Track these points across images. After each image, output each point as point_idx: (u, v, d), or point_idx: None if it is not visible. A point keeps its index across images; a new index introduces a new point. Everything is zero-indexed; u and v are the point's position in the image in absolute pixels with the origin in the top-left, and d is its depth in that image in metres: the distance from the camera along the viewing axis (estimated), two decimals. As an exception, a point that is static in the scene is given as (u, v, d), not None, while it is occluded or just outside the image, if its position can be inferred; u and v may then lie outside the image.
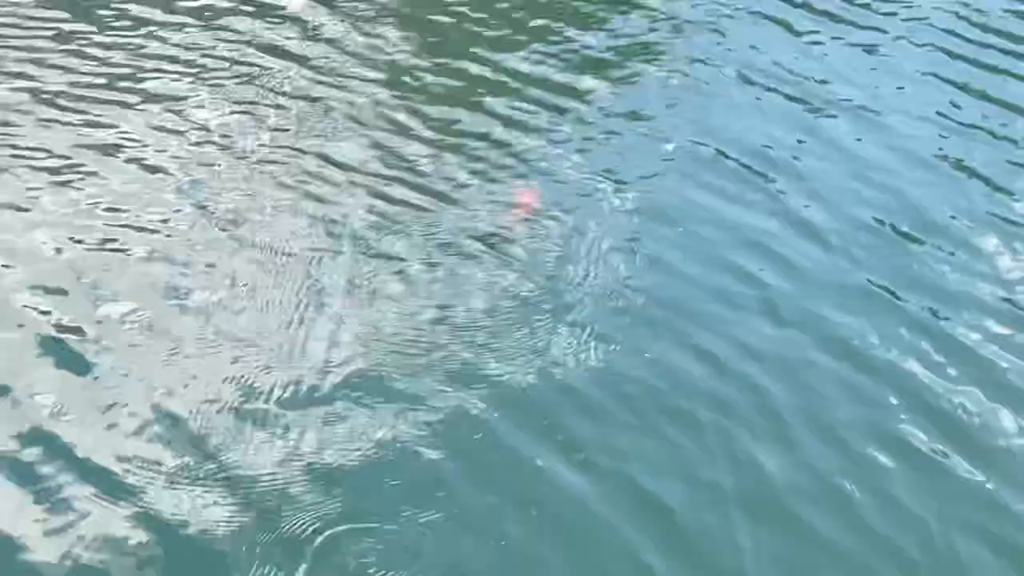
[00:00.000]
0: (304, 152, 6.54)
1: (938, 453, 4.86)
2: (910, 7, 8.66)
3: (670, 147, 6.92)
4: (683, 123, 7.19)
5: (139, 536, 4.23)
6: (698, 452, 4.75)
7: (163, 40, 7.51)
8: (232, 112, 6.87)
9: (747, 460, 4.72)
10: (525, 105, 7.20)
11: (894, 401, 5.08)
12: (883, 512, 4.55)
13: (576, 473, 4.59)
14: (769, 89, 7.63)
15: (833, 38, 8.30)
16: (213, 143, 6.55)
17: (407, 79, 7.39)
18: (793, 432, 4.87)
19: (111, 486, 4.42)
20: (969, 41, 8.30)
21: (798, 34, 8.32)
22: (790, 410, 4.98)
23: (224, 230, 5.85)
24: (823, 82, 7.74)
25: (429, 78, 7.43)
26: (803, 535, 4.44)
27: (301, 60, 7.45)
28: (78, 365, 4.97)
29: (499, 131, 6.91)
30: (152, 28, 7.61)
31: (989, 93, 7.73)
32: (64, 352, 5.03)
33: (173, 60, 7.32)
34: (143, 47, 7.42)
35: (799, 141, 7.08)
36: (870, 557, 4.37)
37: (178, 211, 5.95)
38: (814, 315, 5.59)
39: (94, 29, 7.54)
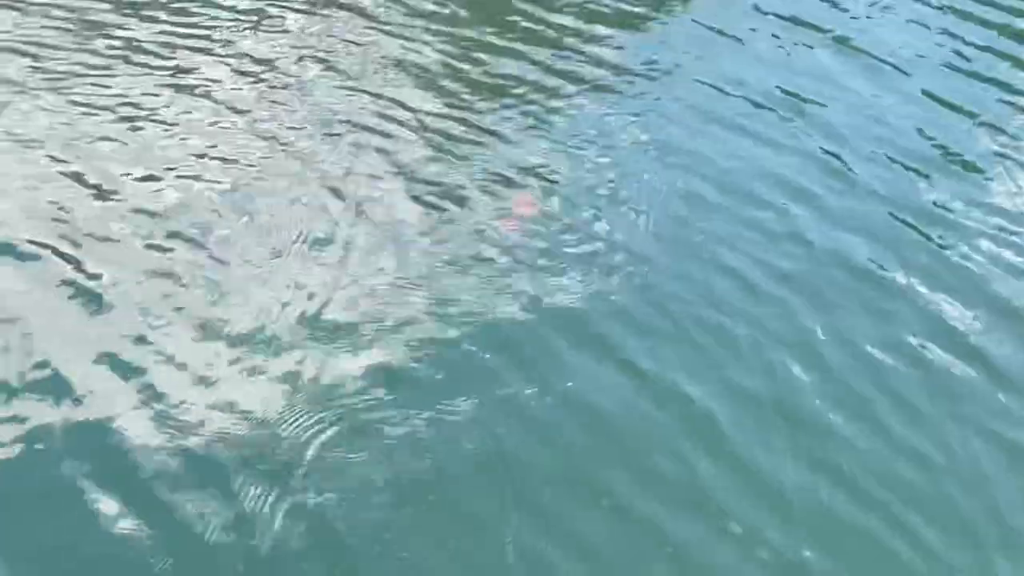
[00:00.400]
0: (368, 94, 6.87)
1: (949, 364, 5.26)
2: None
3: (698, 91, 7.34)
4: (709, 70, 7.59)
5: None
6: (733, 360, 5.13)
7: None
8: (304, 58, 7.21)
9: (778, 367, 5.10)
10: (567, 55, 7.62)
11: (909, 317, 5.52)
12: (900, 415, 4.95)
13: (623, 375, 4.98)
14: (790, 39, 8.11)
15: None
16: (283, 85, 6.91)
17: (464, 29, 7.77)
18: (818, 344, 5.27)
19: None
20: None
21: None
22: (816, 324, 5.38)
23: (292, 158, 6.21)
24: (841, 33, 8.21)
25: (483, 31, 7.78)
26: (828, 436, 4.82)
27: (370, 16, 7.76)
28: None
29: (542, 77, 7.33)
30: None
31: (986, 40, 8.26)
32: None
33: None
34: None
35: (819, 87, 7.51)
36: (889, 455, 4.76)
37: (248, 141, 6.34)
38: (836, 241, 6.01)
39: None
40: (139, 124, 6.32)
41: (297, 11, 7.71)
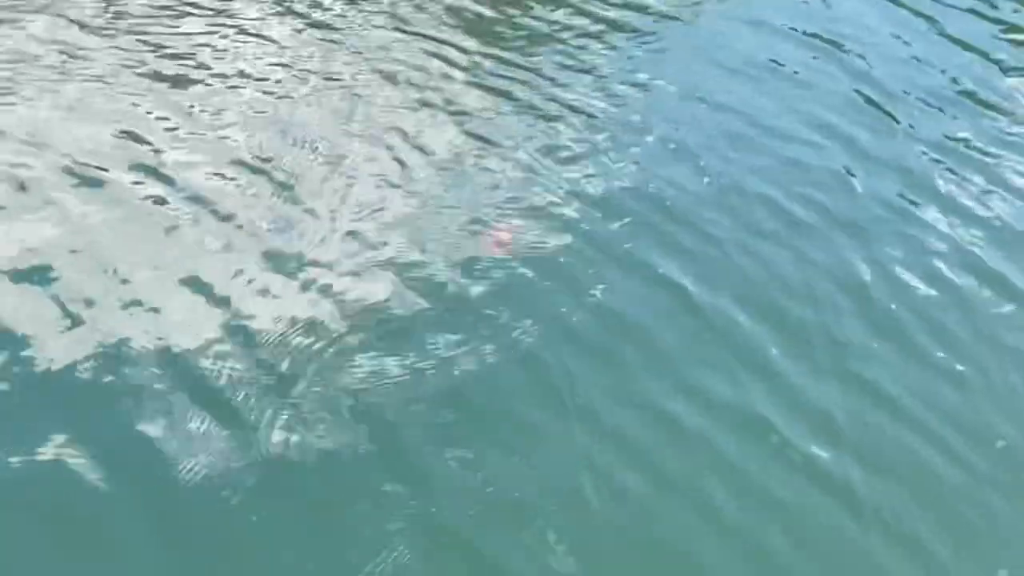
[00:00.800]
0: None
1: (980, 291, 5.51)
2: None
3: (734, 36, 7.65)
4: (744, 15, 7.92)
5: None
6: (778, 286, 5.33)
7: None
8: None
9: (820, 293, 5.31)
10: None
11: (942, 247, 5.79)
12: (936, 338, 5.13)
13: (672, 300, 5.16)
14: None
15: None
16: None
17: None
18: (858, 272, 5.49)
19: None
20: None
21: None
22: (855, 253, 5.62)
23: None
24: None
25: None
26: (869, 356, 4.99)
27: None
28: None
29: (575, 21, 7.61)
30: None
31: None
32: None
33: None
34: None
35: (851, 31, 7.84)
36: (926, 375, 4.94)
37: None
38: (872, 175, 6.30)
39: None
40: (210, 64, 6.57)
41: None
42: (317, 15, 7.19)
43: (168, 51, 6.58)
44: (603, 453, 4.36)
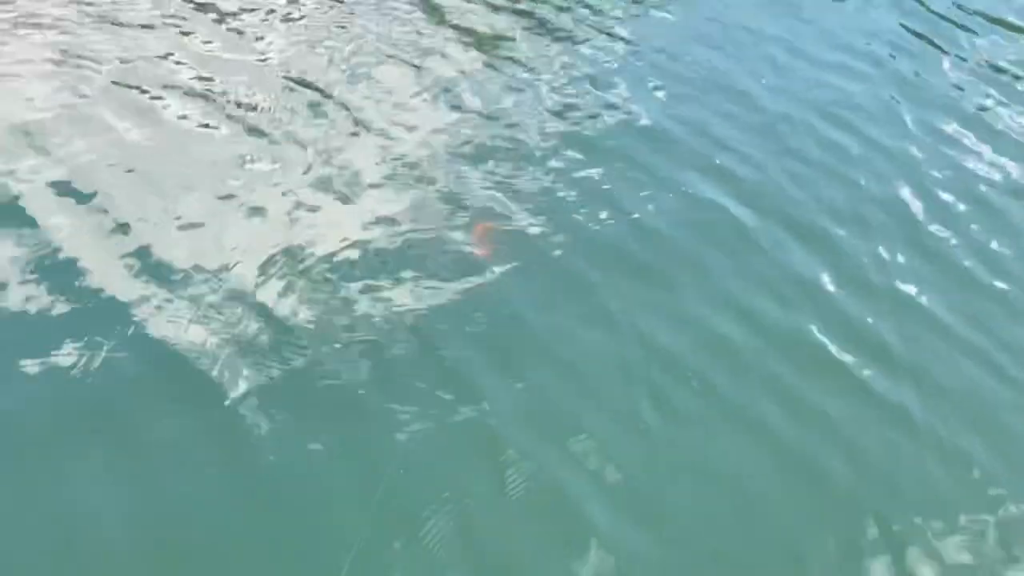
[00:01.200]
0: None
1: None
2: None
3: None
4: None
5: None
6: (843, 184, 5.64)
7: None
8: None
9: (887, 193, 5.60)
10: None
11: (998, 155, 6.06)
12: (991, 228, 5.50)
13: (732, 191, 5.42)
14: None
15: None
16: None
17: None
18: (923, 168, 5.85)
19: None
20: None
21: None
22: (921, 152, 5.97)
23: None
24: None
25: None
26: (934, 247, 5.33)
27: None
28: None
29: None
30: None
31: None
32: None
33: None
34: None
35: None
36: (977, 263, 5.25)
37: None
38: (933, 88, 6.62)
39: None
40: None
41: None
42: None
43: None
44: (656, 374, 4.39)
